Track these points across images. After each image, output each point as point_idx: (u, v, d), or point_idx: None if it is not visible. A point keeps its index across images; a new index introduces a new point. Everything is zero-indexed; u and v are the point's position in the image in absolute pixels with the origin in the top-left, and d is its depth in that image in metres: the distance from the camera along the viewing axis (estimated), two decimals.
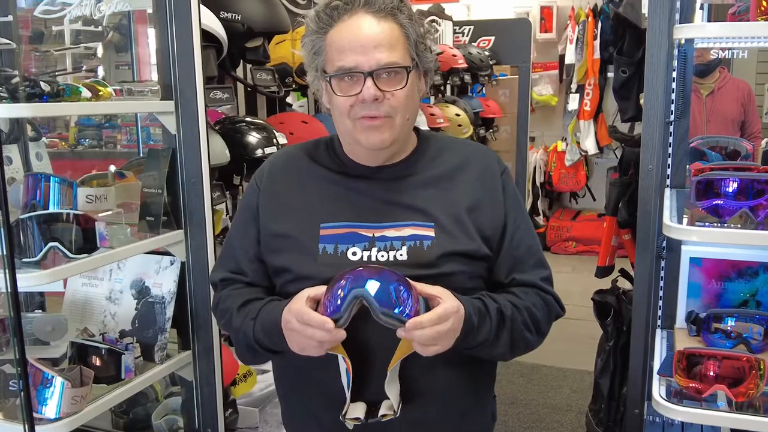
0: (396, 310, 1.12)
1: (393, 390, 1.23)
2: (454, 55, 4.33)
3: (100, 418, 1.99)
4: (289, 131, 2.44)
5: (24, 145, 2.26)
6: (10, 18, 2.28)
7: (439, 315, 1.13)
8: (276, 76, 2.56)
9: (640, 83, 2.12)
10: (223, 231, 2.24)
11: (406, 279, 1.16)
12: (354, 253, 1.27)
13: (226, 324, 1.39)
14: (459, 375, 1.32)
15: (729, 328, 1.71)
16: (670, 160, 1.93)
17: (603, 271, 2.64)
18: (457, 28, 5.37)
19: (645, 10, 2.02)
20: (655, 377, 1.63)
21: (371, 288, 1.12)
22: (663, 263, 1.95)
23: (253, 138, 2.23)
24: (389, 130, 1.26)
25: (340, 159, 1.37)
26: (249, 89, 2.65)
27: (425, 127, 3.35)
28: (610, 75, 5.71)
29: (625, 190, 2.38)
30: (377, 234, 1.28)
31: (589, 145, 6.23)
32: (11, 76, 1.69)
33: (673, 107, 1.90)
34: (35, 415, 1.60)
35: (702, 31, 1.78)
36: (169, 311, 1.95)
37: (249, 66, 2.52)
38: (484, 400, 1.43)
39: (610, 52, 2.89)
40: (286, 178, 1.38)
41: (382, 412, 1.23)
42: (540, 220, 6.70)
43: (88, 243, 1.69)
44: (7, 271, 1.53)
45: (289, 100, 3.18)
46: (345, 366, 1.22)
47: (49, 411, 1.61)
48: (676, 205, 1.78)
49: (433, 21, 4.60)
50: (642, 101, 1.96)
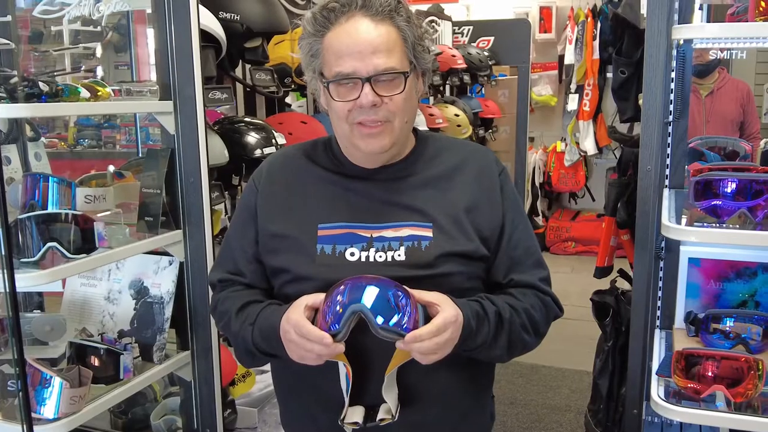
0: (395, 318, 1.11)
1: (391, 394, 1.23)
2: (454, 56, 4.32)
3: (99, 419, 1.99)
4: (288, 131, 2.44)
5: (23, 145, 2.26)
6: (9, 18, 2.27)
7: (438, 326, 1.13)
8: (275, 76, 2.57)
9: (639, 84, 2.12)
10: (221, 231, 2.24)
11: (405, 287, 1.16)
12: (352, 254, 1.27)
13: (224, 327, 1.38)
14: (458, 377, 1.32)
15: (728, 329, 1.71)
16: (668, 161, 1.93)
17: (602, 272, 2.64)
18: (456, 28, 5.37)
19: (644, 11, 2.02)
20: (654, 377, 1.63)
21: (369, 297, 1.12)
22: (662, 263, 1.95)
23: (251, 138, 2.23)
24: (388, 135, 1.26)
25: (338, 159, 1.37)
26: (248, 89, 2.65)
27: (424, 128, 3.35)
28: (610, 75, 5.70)
29: (624, 190, 2.37)
30: (375, 234, 1.28)
31: (589, 146, 6.23)
32: (10, 76, 1.69)
33: (671, 108, 1.90)
34: (34, 415, 1.60)
35: (701, 32, 1.78)
36: (168, 311, 1.95)
37: (248, 66, 2.52)
38: (483, 401, 1.43)
39: (609, 53, 2.89)
40: (285, 179, 1.38)
41: (380, 416, 1.23)
42: (539, 220, 6.70)
43: (86, 243, 1.69)
44: (5, 271, 1.53)
45: (288, 100, 3.19)
46: (345, 371, 1.22)
47: (48, 411, 1.61)
48: (675, 206, 1.78)
49: (432, 21, 4.60)
50: (641, 102, 1.96)
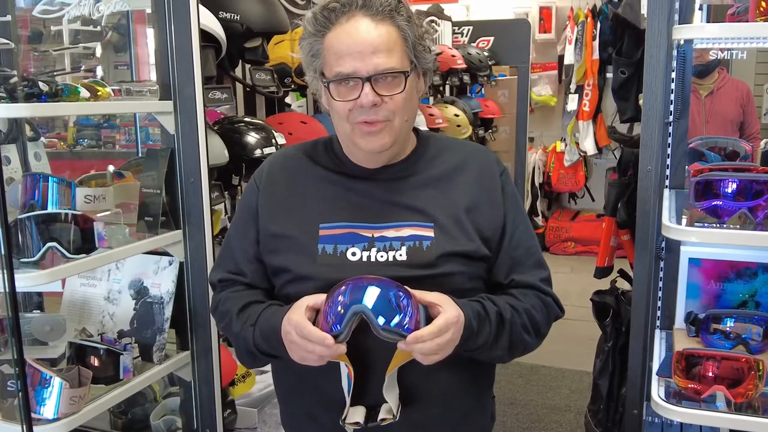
0: (396, 319, 1.11)
1: (392, 394, 1.23)
2: (453, 56, 4.32)
3: (99, 419, 1.98)
4: (287, 131, 2.44)
5: (22, 145, 2.26)
6: (9, 18, 2.27)
7: (440, 327, 1.13)
8: (275, 76, 2.57)
9: (639, 84, 2.12)
10: (221, 231, 2.24)
11: (406, 287, 1.16)
12: (353, 254, 1.27)
13: (225, 328, 1.38)
14: (459, 377, 1.31)
15: (728, 329, 1.70)
16: (669, 161, 1.93)
17: (602, 272, 2.63)
18: (456, 28, 5.37)
19: (644, 11, 2.02)
20: (654, 378, 1.63)
21: (371, 297, 1.12)
22: (662, 264, 1.95)
23: (251, 138, 2.22)
24: (389, 134, 1.26)
25: (340, 159, 1.37)
26: (248, 89, 2.65)
27: (424, 128, 3.34)
28: (609, 75, 5.70)
29: (624, 190, 2.37)
30: (376, 234, 1.28)
31: (588, 146, 6.23)
32: (10, 75, 1.69)
33: (672, 108, 1.90)
34: (33, 415, 1.60)
35: (701, 32, 1.78)
36: (168, 311, 1.95)
37: (248, 66, 2.52)
38: (484, 401, 1.43)
39: (609, 53, 2.88)
40: (286, 179, 1.38)
41: (381, 416, 1.23)
42: (539, 220, 6.70)
43: (86, 243, 1.68)
44: (5, 271, 1.53)
45: (288, 100, 3.18)
46: (346, 371, 1.22)
47: (48, 411, 1.61)
48: (675, 206, 1.78)
49: (432, 21, 4.60)
50: (641, 102, 1.96)
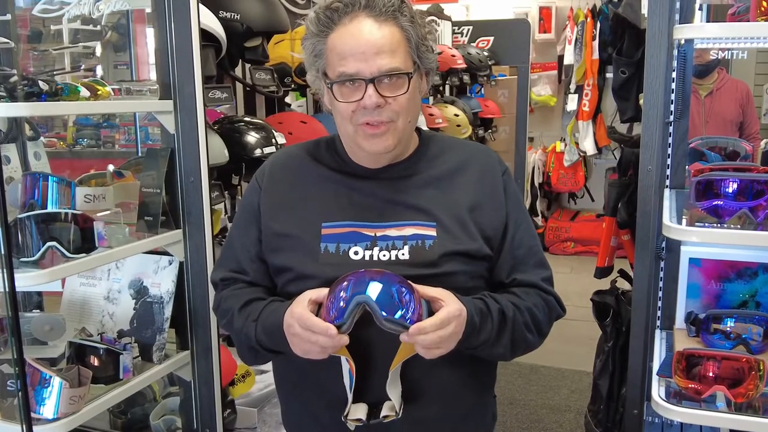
0: (399, 313, 1.11)
1: (394, 391, 1.23)
2: (453, 56, 4.33)
3: (98, 419, 1.98)
4: (287, 131, 2.44)
5: (22, 145, 2.25)
6: (9, 17, 2.27)
7: (442, 319, 1.13)
8: (275, 75, 2.57)
9: (639, 84, 2.12)
10: (221, 231, 2.24)
11: (408, 282, 1.16)
12: (356, 253, 1.27)
13: (227, 325, 1.38)
14: (461, 374, 1.32)
15: (728, 329, 1.70)
16: (669, 161, 1.93)
17: (602, 272, 2.63)
18: (456, 28, 5.38)
19: (644, 11, 2.02)
20: (655, 378, 1.63)
21: (373, 291, 1.12)
22: (662, 264, 1.95)
23: (251, 138, 2.22)
24: (392, 135, 1.26)
25: (342, 158, 1.37)
26: (248, 89, 2.65)
27: (424, 128, 3.34)
28: (609, 75, 5.70)
29: (625, 190, 2.37)
30: (379, 233, 1.28)
31: (588, 146, 6.23)
32: (9, 75, 1.68)
33: (672, 108, 1.90)
34: (33, 415, 1.60)
35: (701, 32, 1.78)
36: (168, 311, 1.94)
37: (248, 66, 2.52)
38: (486, 399, 1.43)
39: (609, 53, 2.88)
40: (288, 178, 1.38)
41: (383, 413, 1.23)
42: (538, 220, 6.70)
43: (86, 243, 1.68)
44: (5, 270, 1.53)
45: (287, 99, 3.18)
46: (348, 367, 1.21)
47: (47, 411, 1.60)
48: (676, 206, 1.78)
49: (432, 21, 4.59)
50: (641, 102, 1.96)
